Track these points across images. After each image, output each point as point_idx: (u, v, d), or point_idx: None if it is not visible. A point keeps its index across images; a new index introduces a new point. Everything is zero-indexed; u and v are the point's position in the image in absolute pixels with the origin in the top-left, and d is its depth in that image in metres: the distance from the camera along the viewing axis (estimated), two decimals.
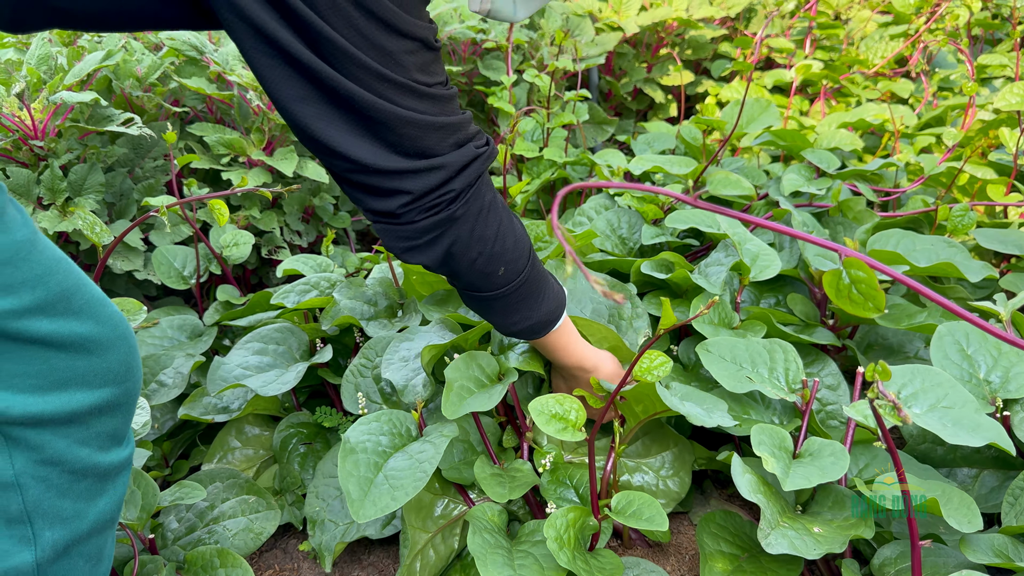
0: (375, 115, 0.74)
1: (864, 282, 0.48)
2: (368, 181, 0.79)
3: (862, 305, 0.48)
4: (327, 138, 0.75)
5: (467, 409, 0.94)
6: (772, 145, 1.75)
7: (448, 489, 1.07)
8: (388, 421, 1.01)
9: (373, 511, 0.88)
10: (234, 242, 1.50)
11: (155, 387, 1.24)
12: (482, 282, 0.91)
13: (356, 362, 1.17)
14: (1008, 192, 1.62)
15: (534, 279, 0.96)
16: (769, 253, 1.24)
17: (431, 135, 0.78)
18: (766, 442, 0.91)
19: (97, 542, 0.73)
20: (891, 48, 2.43)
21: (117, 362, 0.71)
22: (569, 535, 0.89)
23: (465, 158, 0.82)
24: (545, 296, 0.99)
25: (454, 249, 0.85)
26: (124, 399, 0.73)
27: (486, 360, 1.01)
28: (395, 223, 0.83)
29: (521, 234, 0.93)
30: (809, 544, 0.84)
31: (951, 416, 0.86)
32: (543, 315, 0.99)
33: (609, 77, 2.42)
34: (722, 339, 1.10)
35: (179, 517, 1.10)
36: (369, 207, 0.83)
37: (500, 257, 0.89)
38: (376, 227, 0.85)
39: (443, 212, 0.82)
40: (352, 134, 0.75)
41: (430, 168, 0.79)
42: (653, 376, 0.89)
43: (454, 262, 0.87)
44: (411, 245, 0.85)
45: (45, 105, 1.40)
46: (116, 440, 0.73)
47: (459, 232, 0.84)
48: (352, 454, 0.94)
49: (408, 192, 0.79)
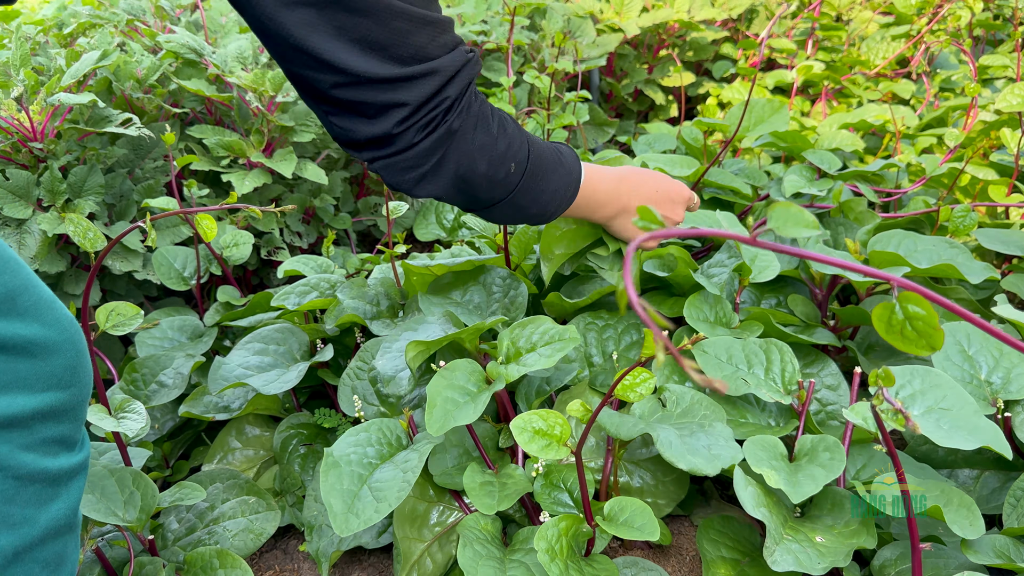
0: (361, 4, 0.67)
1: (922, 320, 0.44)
2: (360, 96, 0.72)
3: (915, 342, 0.45)
4: (315, 46, 0.68)
5: (452, 424, 0.92)
6: (773, 146, 1.75)
7: (444, 496, 1.07)
8: (378, 430, 0.99)
9: (356, 524, 0.87)
10: (234, 243, 1.50)
11: (155, 388, 1.24)
12: (499, 190, 0.86)
13: (353, 364, 1.16)
14: (1009, 193, 1.62)
15: (539, 152, 0.90)
16: (768, 254, 1.24)
17: (422, 31, 0.72)
18: (763, 457, 0.90)
19: (54, 548, 0.70)
20: (892, 49, 2.43)
21: (62, 366, 0.69)
22: (561, 545, 0.88)
23: (457, 62, 0.76)
24: (555, 159, 0.93)
25: (462, 168, 0.81)
26: (70, 404, 0.70)
27: (469, 367, 1.00)
28: (394, 152, 0.77)
29: (509, 121, 0.87)
30: (813, 558, 0.83)
31: (949, 418, 0.86)
32: (566, 173, 0.94)
33: (610, 78, 2.42)
34: (718, 339, 1.10)
35: (179, 518, 1.10)
36: (363, 134, 0.76)
37: (504, 157, 0.84)
38: (376, 166, 0.80)
39: (441, 127, 0.77)
40: (341, 39, 0.69)
41: (425, 73, 0.73)
42: (636, 395, 0.89)
43: (466, 183, 0.83)
44: (420, 174, 0.79)
45: (43, 107, 1.40)
46: (65, 445, 0.70)
47: (461, 147, 0.79)
48: (335, 468, 0.92)
49: (404, 104, 0.73)
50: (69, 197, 1.42)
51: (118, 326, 0.96)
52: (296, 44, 0.68)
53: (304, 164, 1.63)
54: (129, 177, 1.61)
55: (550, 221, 0.99)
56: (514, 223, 0.96)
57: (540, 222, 0.97)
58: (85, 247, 0.90)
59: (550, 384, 1.14)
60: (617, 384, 0.86)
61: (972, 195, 1.70)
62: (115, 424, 0.93)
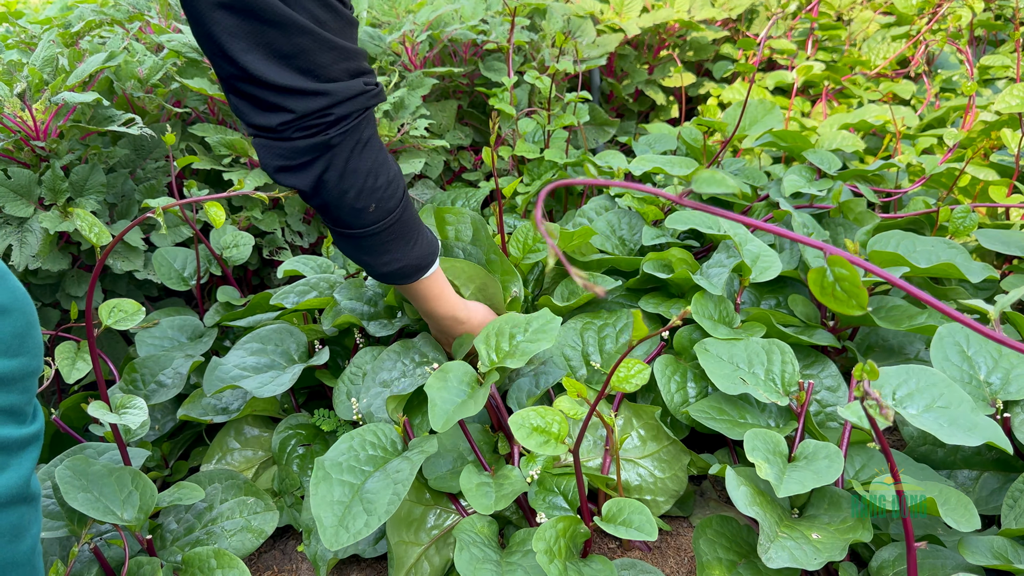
0: (272, 17, 0.74)
1: (847, 280, 0.48)
2: (253, 92, 0.79)
3: (845, 302, 0.49)
4: (222, 42, 0.75)
5: (455, 419, 0.92)
6: (773, 146, 1.74)
7: (440, 499, 1.07)
8: (372, 434, 0.99)
9: (347, 538, 0.86)
10: (234, 243, 1.50)
11: (154, 387, 1.24)
12: (352, 218, 0.92)
13: (349, 369, 1.16)
14: (1010, 193, 1.62)
15: (406, 221, 0.97)
16: (770, 254, 1.24)
17: (325, 53, 0.79)
18: (760, 448, 0.90)
19: (8, 518, 0.70)
20: (893, 49, 2.43)
21: (11, 333, 0.68)
22: (559, 546, 0.88)
23: (352, 90, 0.83)
24: (418, 241, 1.01)
25: (327, 177, 0.87)
26: (19, 373, 0.69)
27: (461, 369, 1.00)
28: (273, 138, 0.84)
29: (396, 175, 0.94)
30: (809, 554, 0.84)
31: (947, 416, 0.86)
32: (415, 259, 1.01)
33: (610, 79, 2.42)
34: (720, 339, 1.10)
35: (178, 518, 1.10)
36: (251, 120, 0.83)
37: (372, 193, 0.91)
38: (255, 142, 0.86)
39: (320, 135, 0.83)
40: (244, 40, 0.75)
41: (316, 92, 0.80)
42: (631, 385, 0.89)
43: (326, 191, 0.88)
44: (286, 164, 0.86)
45: (47, 106, 1.40)
46: (14, 416, 0.70)
47: (333, 159, 0.86)
48: (326, 480, 0.92)
49: (290, 111, 0.80)
50: (71, 196, 1.43)
51: (120, 321, 0.97)
52: (207, 35, 0.75)
53: None
54: (131, 177, 1.61)
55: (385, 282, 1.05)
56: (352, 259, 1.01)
57: (372, 274, 1.03)
58: (91, 241, 0.91)
59: (539, 386, 1.14)
60: (611, 376, 0.86)
61: (972, 196, 1.70)
62: (116, 418, 0.93)
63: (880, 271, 0.46)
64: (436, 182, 1.92)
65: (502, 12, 2.00)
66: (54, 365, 1.04)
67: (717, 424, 1.04)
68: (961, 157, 1.74)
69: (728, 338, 1.12)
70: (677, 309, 1.22)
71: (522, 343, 1.02)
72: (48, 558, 1.00)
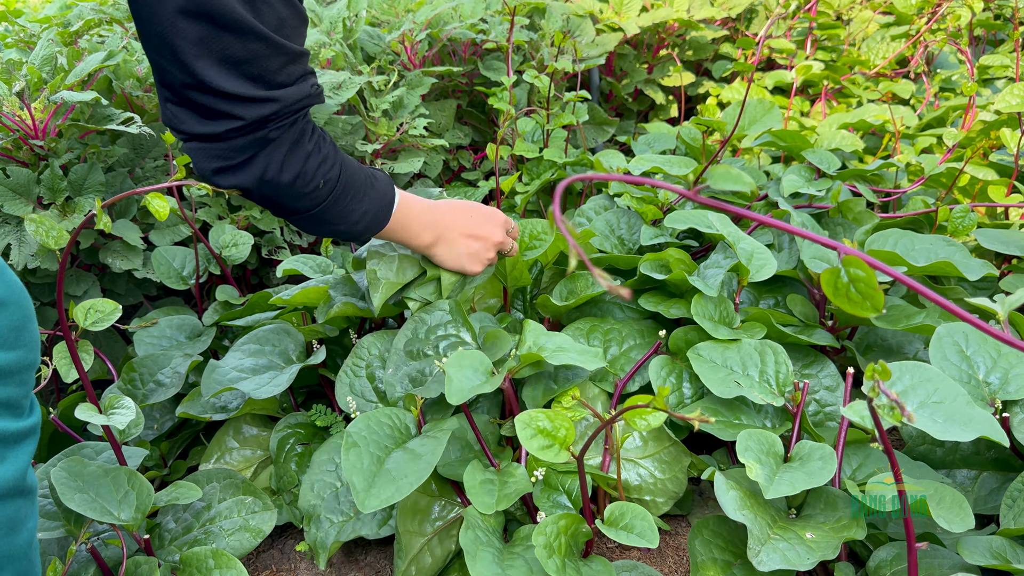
0: (228, 21, 0.73)
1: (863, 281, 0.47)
2: (200, 100, 0.78)
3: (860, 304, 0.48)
4: (179, 49, 0.73)
5: (471, 394, 0.94)
6: (772, 146, 1.74)
7: (446, 491, 1.07)
8: (388, 417, 1.01)
9: (377, 502, 0.89)
10: (233, 243, 1.50)
11: (153, 387, 1.24)
12: (305, 202, 0.91)
13: (349, 362, 1.17)
14: (1009, 193, 1.61)
15: (352, 173, 0.96)
16: (764, 253, 1.24)
17: (276, 58, 0.79)
18: (752, 448, 0.90)
19: (3, 511, 0.70)
20: (892, 49, 2.43)
21: (8, 326, 0.68)
22: (560, 542, 0.88)
23: (299, 94, 0.83)
24: (372, 181, 0.99)
25: (268, 174, 0.86)
26: (16, 366, 0.70)
27: (477, 358, 1.02)
28: (212, 143, 0.82)
29: (327, 142, 0.93)
30: (802, 554, 0.83)
31: (942, 411, 0.86)
32: (381, 196, 1.00)
33: (610, 78, 2.42)
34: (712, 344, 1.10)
35: (176, 517, 1.10)
36: (191, 130, 0.81)
37: (316, 172, 0.90)
38: (186, 147, 0.84)
39: (259, 132, 0.82)
40: (199, 47, 0.74)
41: (266, 99, 0.80)
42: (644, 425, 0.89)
43: (271, 187, 0.87)
44: (224, 165, 0.84)
45: (46, 105, 1.40)
46: (10, 409, 0.70)
47: (272, 155, 0.85)
48: (355, 447, 0.94)
49: (239, 118, 0.80)
50: (69, 195, 1.43)
51: (97, 323, 0.96)
52: (164, 40, 0.73)
53: None
54: (130, 176, 1.61)
55: (362, 240, 1.05)
56: (322, 235, 1.02)
57: (351, 239, 1.03)
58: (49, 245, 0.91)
59: (558, 383, 1.14)
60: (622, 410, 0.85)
61: (971, 195, 1.70)
62: (104, 419, 0.93)
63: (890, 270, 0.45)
64: (435, 181, 1.92)
65: (501, 11, 1.99)
66: (52, 364, 1.04)
67: (712, 426, 1.04)
68: (960, 157, 1.74)
69: (728, 339, 1.12)
70: (676, 308, 1.22)
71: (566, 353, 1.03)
72: (46, 557, 1.00)
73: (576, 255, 0.43)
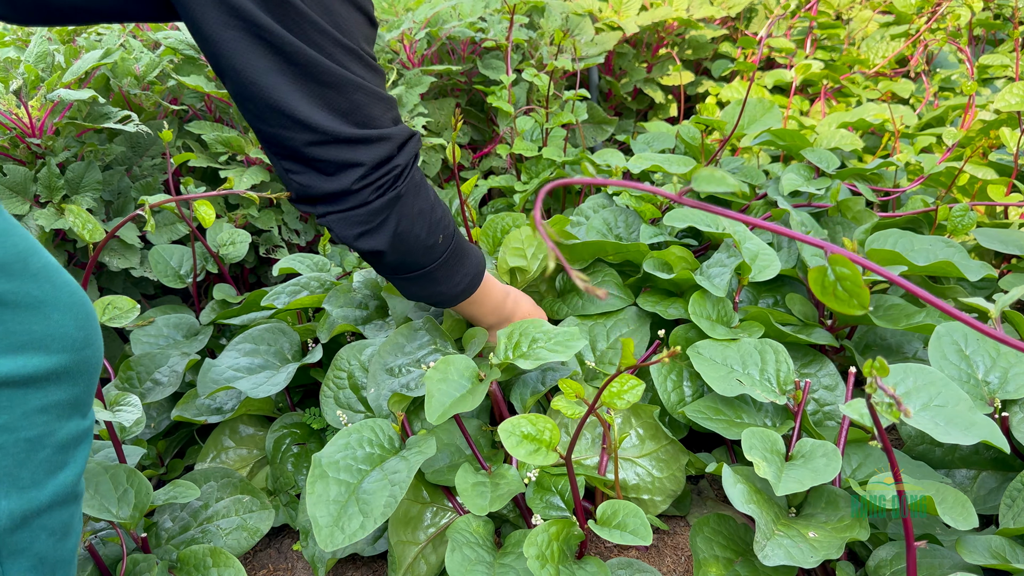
0: (331, 79, 0.78)
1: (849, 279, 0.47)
2: (326, 154, 0.82)
3: (847, 302, 0.48)
4: (289, 104, 0.77)
5: (450, 413, 0.92)
6: (772, 145, 1.74)
7: (437, 497, 1.06)
8: (370, 430, 0.98)
9: (342, 538, 0.85)
10: (231, 241, 1.49)
11: (150, 385, 1.24)
12: (427, 256, 0.97)
13: (331, 374, 1.15)
14: (1008, 192, 1.61)
15: (458, 234, 1.02)
16: (768, 253, 1.23)
17: (376, 105, 0.84)
18: (757, 446, 0.90)
19: (60, 516, 0.72)
20: (892, 48, 2.42)
21: (75, 326, 0.70)
22: (552, 550, 0.87)
23: (405, 134, 0.88)
24: (470, 248, 1.06)
25: (401, 227, 0.91)
26: (84, 367, 0.71)
27: (463, 363, 1.00)
28: (348, 208, 0.87)
29: (441, 200, 0.99)
30: (806, 552, 0.83)
31: (944, 415, 0.86)
32: (476, 261, 1.06)
33: (609, 77, 2.41)
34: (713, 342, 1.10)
35: (173, 516, 1.10)
36: (321, 191, 0.85)
37: (438, 225, 0.95)
38: (328, 219, 0.89)
39: (391, 191, 0.87)
40: (311, 102, 0.78)
41: (380, 138, 0.84)
42: (623, 402, 0.88)
43: (402, 242, 0.92)
44: (364, 230, 0.89)
45: (43, 103, 1.40)
46: (77, 410, 0.72)
47: (403, 209, 0.90)
48: (323, 478, 0.91)
49: (360, 164, 0.84)
50: (66, 193, 1.42)
51: (115, 319, 0.96)
52: (275, 106, 0.78)
53: None
54: (127, 174, 1.60)
55: (449, 306, 1.08)
56: (421, 297, 1.05)
57: (441, 303, 1.07)
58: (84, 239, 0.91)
59: (545, 383, 1.13)
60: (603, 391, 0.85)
61: (971, 194, 1.69)
62: (110, 415, 0.92)
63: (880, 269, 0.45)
64: (434, 180, 1.92)
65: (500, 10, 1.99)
66: None
67: (713, 424, 1.04)
68: (960, 156, 1.74)
69: (726, 338, 1.12)
70: (675, 308, 1.22)
71: (540, 348, 1.02)
72: None
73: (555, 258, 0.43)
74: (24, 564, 0.70)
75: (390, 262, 0.95)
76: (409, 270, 0.98)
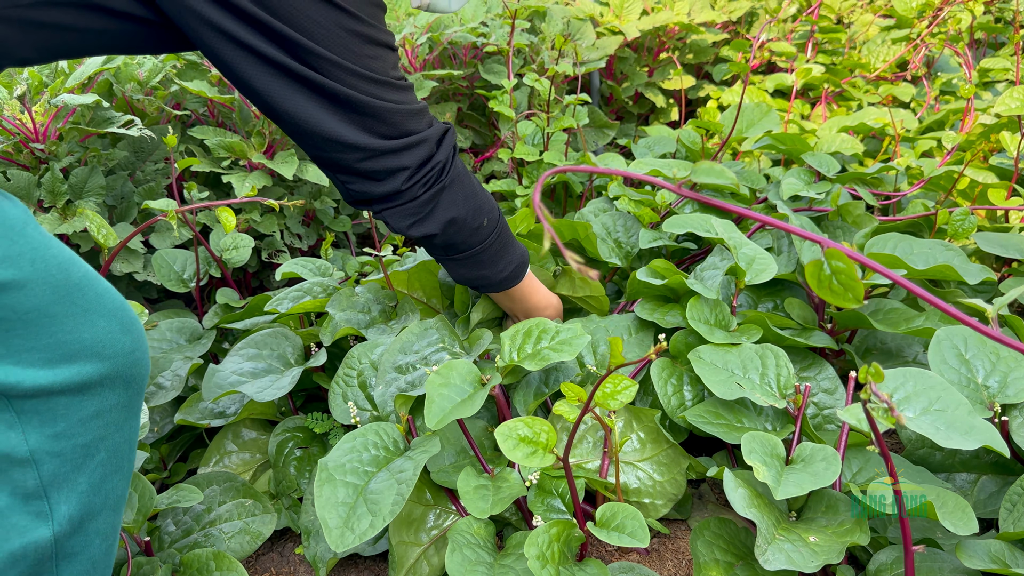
0: (369, 111, 0.92)
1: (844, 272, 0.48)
2: (376, 165, 0.95)
3: (842, 295, 0.49)
4: (340, 135, 0.91)
5: (449, 419, 0.93)
6: (773, 149, 1.75)
7: (440, 499, 1.06)
8: (375, 434, 0.99)
9: (352, 539, 0.87)
10: (234, 245, 1.50)
11: (153, 389, 1.24)
12: (474, 237, 1.08)
13: (341, 371, 1.16)
14: (1009, 196, 1.61)
15: (503, 223, 1.13)
16: (765, 257, 1.24)
17: (411, 119, 0.97)
18: (757, 450, 0.90)
19: (111, 520, 0.74)
20: (893, 52, 2.43)
21: (122, 332, 0.73)
22: (552, 551, 0.87)
23: (440, 131, 1.01)
24: (516, 241, 1.17)
25: (450, 213, 1.03)
26: (133, 370, 0.74)
27: (465, 368, 1.00)
28: (400, 203, 1.00)
29: (484, 189, 1.11)
30: (806, 556, 0.83)
31: (944, 419, 0.86)
32: (520, 252, 1.16)
33: (610, 81, 2.42)
34: (713, 347, 1.10)
35: (176, 520, 1.10)
36: (375, 193, 0.98)
37: (481, 209, 1.07)
38: (384, 215, 1.02)
39: (436, 184, 1.00)
40: (356, 129, 0.92)
41: (418, 142, 0.97)
42: (617, 403, 0.89)
43: (452, 226, 1.04)
44: (416, 219, 1.02)
45: (46, 108, 1.40)
46: (131, 413, 0.75)
47: (452, 196, 1.03)
48: (330, 482, 0.92)
49: (406, 167, 0.97)
50: (70, 198, 1.43)
51: None
52: (327, 136, 0.91)
53: (305, 166, 1.63)
54: (130, 179, 1.61)
55: (494, 292, 1.18)
56: (467, 280, 1.15)
57: (488, 287, 1.17)
58: (100, 243, 0.92)
59: (548, 385, 1.14)
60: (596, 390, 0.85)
61: (971, 198, 1.70)
62: None
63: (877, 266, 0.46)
64: None
65: (502, 15, 2.00)
66: None
67: (714, 428, 1.04)
68: (960, 160, 1.74)
69: (724, 342, 1.12)
70: (672, 315, 1.22)
71: (545, 349, 1.05)
72: None
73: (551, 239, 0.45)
74: (78, 568, 0.73)
75: (439, 243, 1.06)
76: (458, 251, 1.09)
